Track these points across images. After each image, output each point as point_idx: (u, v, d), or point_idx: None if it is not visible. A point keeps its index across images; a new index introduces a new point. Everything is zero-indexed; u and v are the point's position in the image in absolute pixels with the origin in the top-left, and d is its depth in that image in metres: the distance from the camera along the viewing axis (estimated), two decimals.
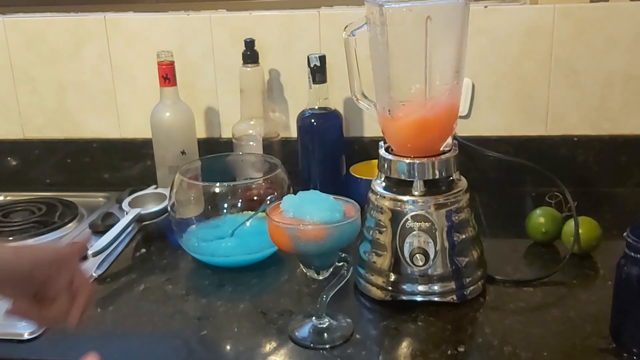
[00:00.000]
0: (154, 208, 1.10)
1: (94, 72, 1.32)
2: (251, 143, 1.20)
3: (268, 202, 0.97)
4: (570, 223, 0.97)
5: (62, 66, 1.33)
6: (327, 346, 0.78)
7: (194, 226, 1.03)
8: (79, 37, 1.31)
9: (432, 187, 0.86)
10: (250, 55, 1.19)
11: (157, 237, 1.09)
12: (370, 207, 0.89)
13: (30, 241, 1.11)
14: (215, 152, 1.18)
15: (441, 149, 0.88)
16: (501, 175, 1.25)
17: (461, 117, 1.23)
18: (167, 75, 1.17)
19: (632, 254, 0.73)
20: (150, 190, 1.18)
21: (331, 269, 0.80)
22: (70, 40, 1.31)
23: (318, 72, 1.13)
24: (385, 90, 0.86)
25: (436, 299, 0.86)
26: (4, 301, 0.66)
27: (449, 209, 0.85)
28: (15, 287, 0.65)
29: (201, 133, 1.31)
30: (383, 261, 0.87)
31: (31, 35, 1.32)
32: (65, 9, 1.34)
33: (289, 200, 0.78)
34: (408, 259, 0.84)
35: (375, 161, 0.99)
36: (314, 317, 0.82)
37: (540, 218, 1.01)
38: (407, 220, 0.84)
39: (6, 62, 1.34)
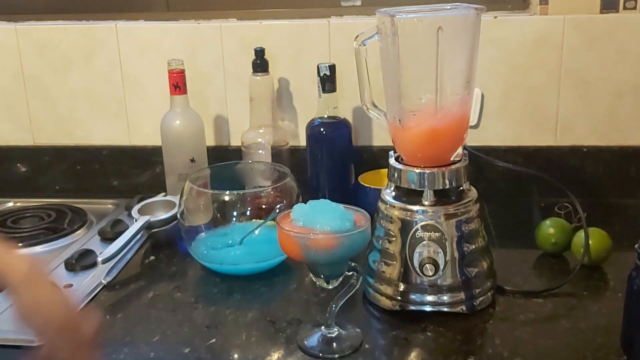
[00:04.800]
0: (163, 215, 1.10)
1: (104, 79, 1.33)
2: (260, 151, 1.20)
3: (277, 210, 0.98)
4: (580, 234, 0.96)
5: (73, 74, 1.34)
6: (336, 356, 0.78)
7: (203, 234, 1.04)
8: (90, 45, 1.31)
9: (442, 197, 0.86)
10: (260, 64, 1.20)
11: (166, 245, 1.09)
12: (380, 216, 0.89)
13: (39, 247, 1.12)
14: (224, 160, 1.18)
15: (451, 158, 0.88)
16: (510, 186, 1.24)
17: (470, 127, 1.23)
18: (178, 84, 1.17)
19: None
20: (159, 197, 1.18)
21: (341, 278, 0.79)
22: (81, 48, 1.32)
23: (327, 81, 1.13)
24: (395, 100, 0.86)
25: (445, 309, 0.85)
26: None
27: (459, 219, 0.85)
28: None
29: (210, 141, 1.31)
30: (392, 271, 0.86)
31: (43, 43, 1.33)
32: (77, 17, 1.35)
33: (299, 209, 0.78)
34: (418, 269, 0.84)
35: (384, 170, 1.00)
36: (323, 327, 0.82)
37: (550, 229, 1.00)
38: (417, 230, 0.84)
39: (18, 69, 1.35)
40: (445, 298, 0.85)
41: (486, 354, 0.78)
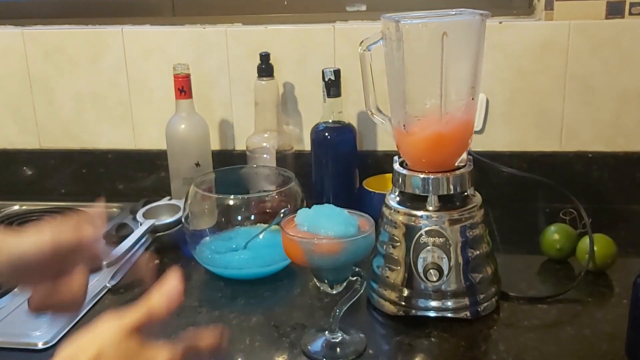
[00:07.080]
0: (167, 219, 1.11)
1: (110, 83, 1.33)
2: (265, 156, 1.21)
3: (282, 214, 0.98)
4: (585, 240, 0.96)
5: (80, 78, 1.34)
6: None
7: (207, 238, 1.04)
8: (96, 49, 1.32)
9: (446, 203, 0.86)
10: (265, 69, 1.20)
11: (171, 249, 1.09)
12: (384, 221, 0.89)
13: None
14: (229, 165, 1.18)
15: (456, 164, 0.88)
16: (515, 191, 1.24)
17: (475, 132, 1.23)
18: (183, 88, 1.18)
19: None
20: (164, 201, 1.18)
21: (345, 284, 0.79)
22: (87, 52, 1.32)
23: (332, 86, 1.14)
24: (400, 105, 0.86)
25: (449, 315, 0.85)
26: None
27: (463, 224, 0.85)
28: (33, 276, 0.63)
29: (215, 145, 1.32)
30: (396, 276, 0.86)
31: (49, 47, 1.33)
32: (83, 21, 1.36)
33: (303, 213, 0.79)
34: (422, 274, 0.84)
35: (388, 175, 0.99)
36: (326, 332, 0.82)
37: (554, 234, 1.00)
38: (421, 235, 0.84)
39: (24, 73, 1.35)
40: (449, 304, 0.85)
41: None
